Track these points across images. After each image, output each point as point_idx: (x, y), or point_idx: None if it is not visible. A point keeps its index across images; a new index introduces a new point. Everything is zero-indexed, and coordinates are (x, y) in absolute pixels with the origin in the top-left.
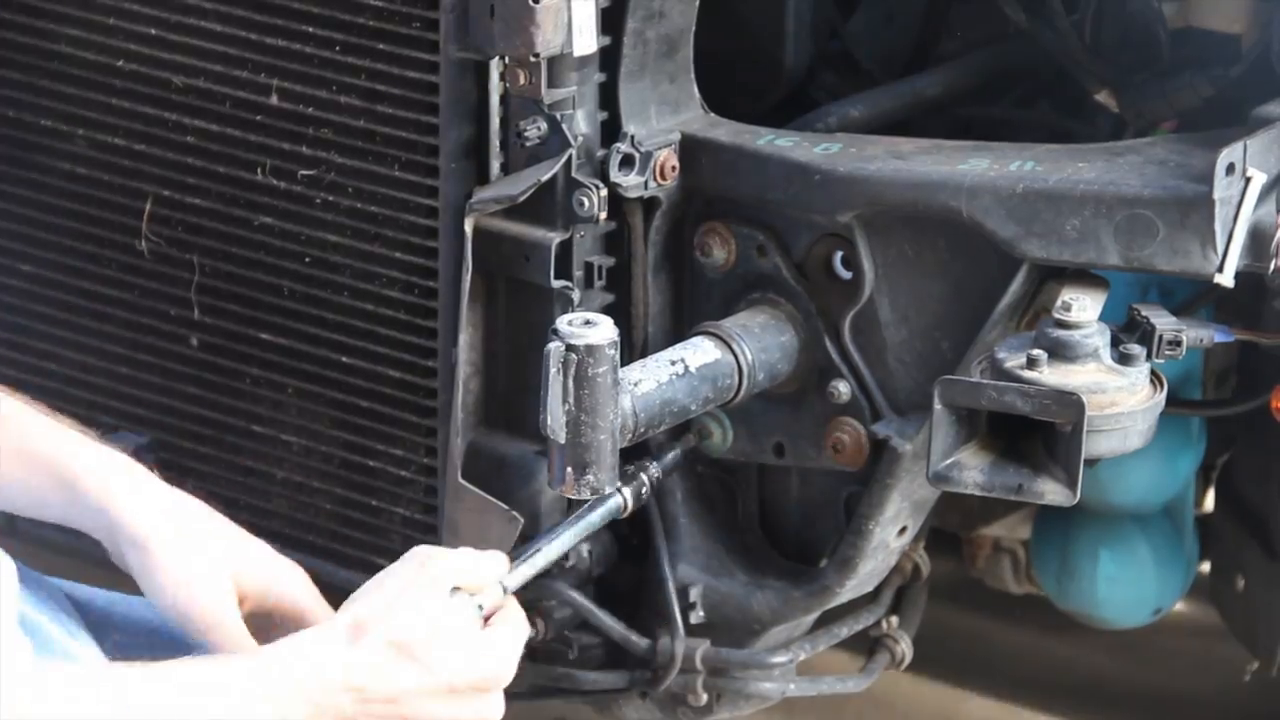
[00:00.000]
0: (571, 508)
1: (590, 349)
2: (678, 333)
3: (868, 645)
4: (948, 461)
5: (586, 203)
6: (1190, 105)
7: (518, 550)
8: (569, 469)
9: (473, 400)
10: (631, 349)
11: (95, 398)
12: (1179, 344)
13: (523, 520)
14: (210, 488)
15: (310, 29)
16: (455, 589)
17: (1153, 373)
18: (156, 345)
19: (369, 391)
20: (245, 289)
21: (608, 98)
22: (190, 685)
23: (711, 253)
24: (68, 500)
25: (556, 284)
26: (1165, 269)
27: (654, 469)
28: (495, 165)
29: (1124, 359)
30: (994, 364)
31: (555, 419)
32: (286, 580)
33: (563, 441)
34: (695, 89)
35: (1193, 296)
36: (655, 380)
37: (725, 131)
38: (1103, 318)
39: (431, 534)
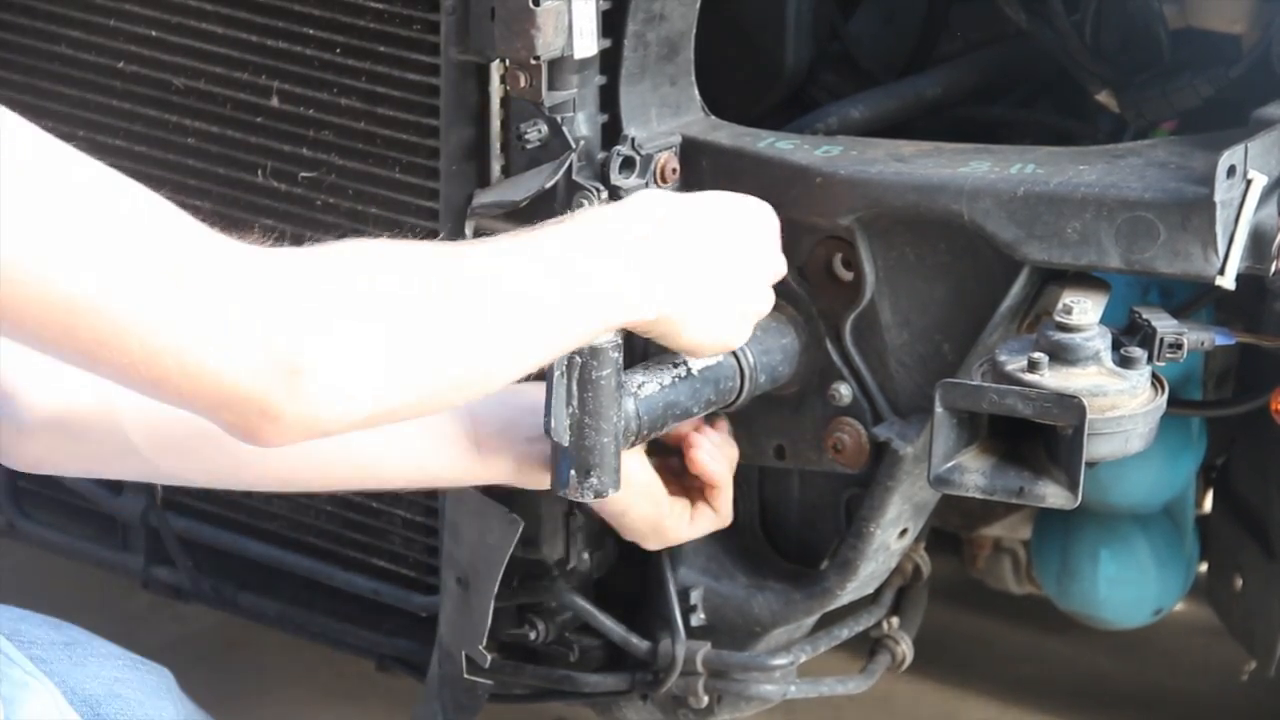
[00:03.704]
0: (573, 510)
1: (594, 352)
2: None
3: (868, 646)
4: (949, 464)
5: (587, 205)
6: (1190, 106)
7: None
8: (573, 472)
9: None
10: (632, 352)
11: None
12: (1180, 347)
13: (522, 523)
14: (211, 489)
15: (311, 31)
16: None
17: (1154, 375)
18: None
19: None
20: None
21: (608, 100)
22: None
23: None
24: None
25: None
26: (1166, 272)
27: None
28: (496, 168)
29: (1125, 362)
30: (995, 367)
31: (559, 422)
32: None
33: (566, 444)
34: (696, 91)
35: (1193, 298)
36: (658, 383)
37: (726, 134)
38: (1104, 319)
39: (432, 536)
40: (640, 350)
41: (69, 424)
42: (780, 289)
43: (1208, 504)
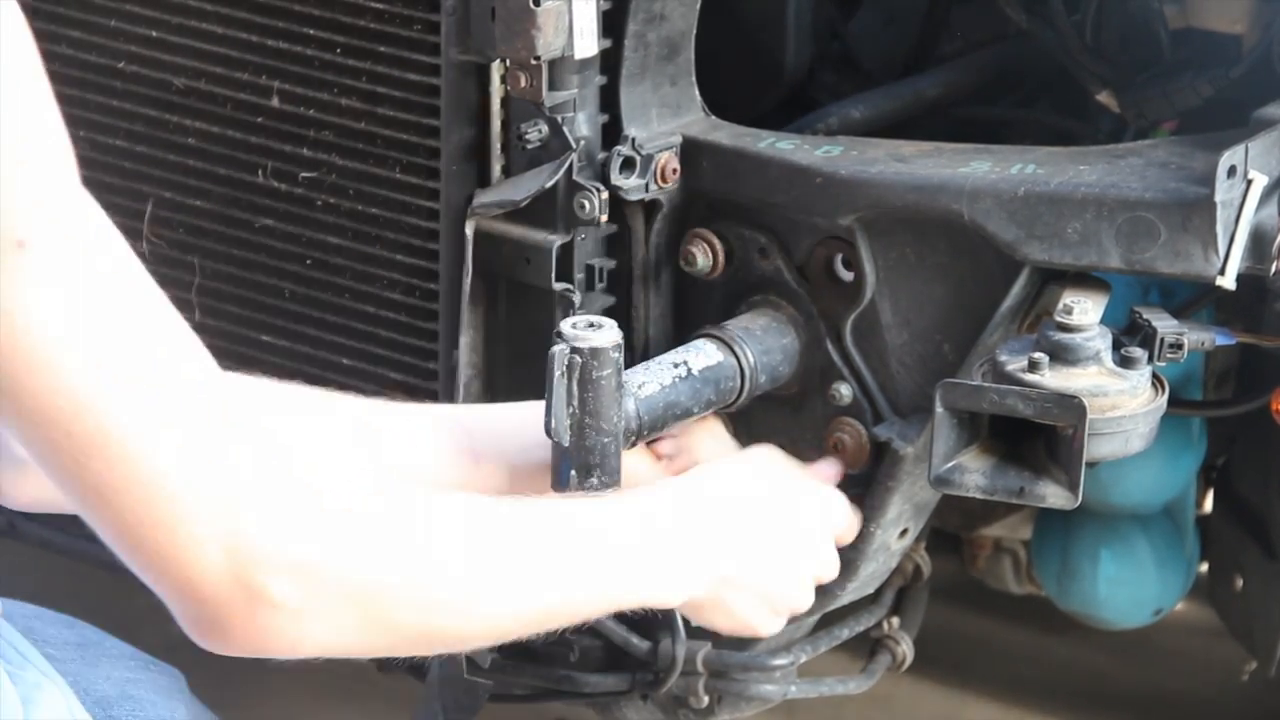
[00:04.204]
0: None
1: (594, 352)
2: (679, 335)
3: (869, 647)
4: (949, 464)
5: (587, 205)
6: (1191, 106)
7: None
8: (573, 472)
9: (474, 402)
10: (632, 352)
11: None
12: (1180, 347)
13: None
14: None
15: (311, 31)
16: None
17: (1154, 375)
18: None
19: (370, 394)
20: (246, 291)
21: (609, 100)
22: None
23: (695, 262)
24: None
25: (557, 287)
26: (1167, 272)
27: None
28: (496, 168)
29: (1125, 362)
30: (995, 367)
31: (559, 422)
32: None
33: (567, 444)
34: (696, 91)
35: (1193, 298)
36: (658, 383)
37: (726, 134)
38: (1104, 320)
39: None
40: (641, 350)
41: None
42: (781, 288)
43: (1208, 504)
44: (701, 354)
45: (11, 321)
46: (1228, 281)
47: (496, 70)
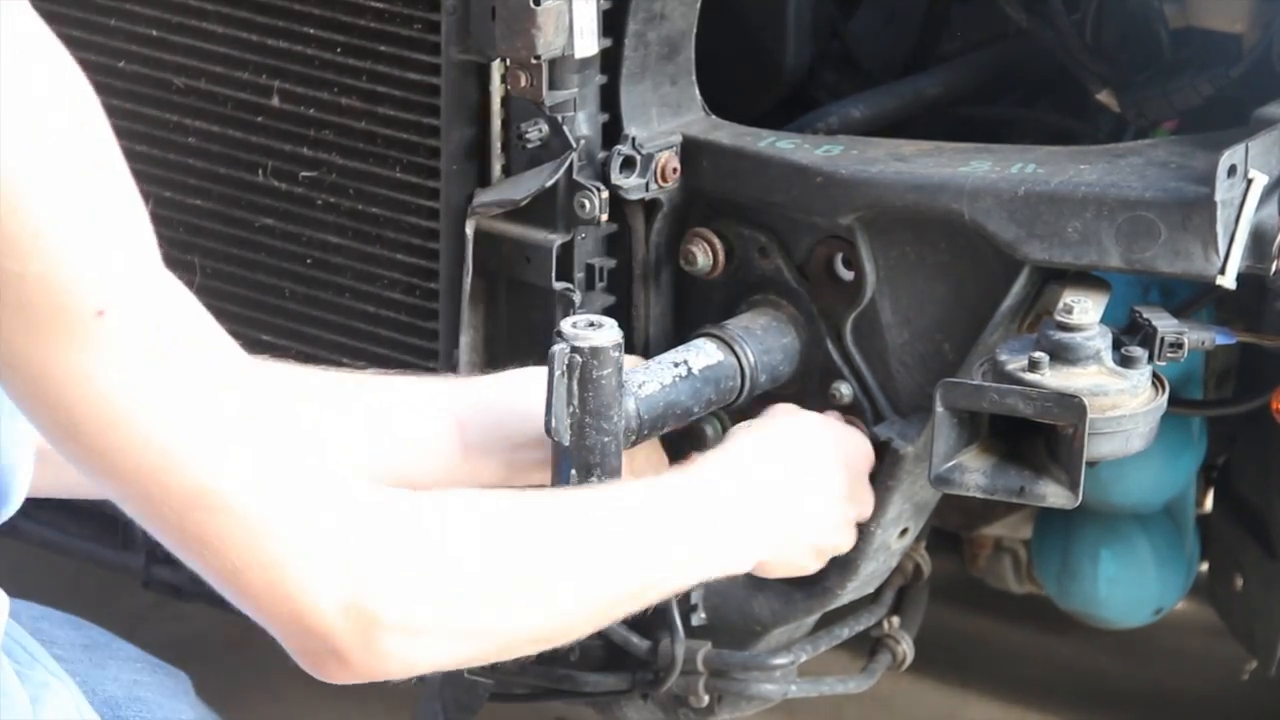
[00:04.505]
0: None
1: (595, 351)
2: (679, 335)
3: (869, 646)
4: (949, 464)
5: (588, 205)
6: (1191, 105)
7: None
8: (574, 471)
9: None
10: (632, 351)
11: None
12: (1180, 346)
13: None
14: None
15: (311, 30)
16: None
17: (1154, 375)
18: None
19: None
20: (246, 290)
21: (609, 100)
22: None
23: (695, 261)
24: None
25: (558, 286)
26: (1167, 271)
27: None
28: (497, 167)
29: (1126, 361)
30: (995, 366)
31: (560, 421)
32: None
33: (567, 444)
34: (696, 91)
35: (1194, 297)
36: (658, 382)
37: (726, 134)
38: (1104, 319)
39: None
40: (641, 350)
41: (51, 454)
42: (781, 288)
43: (1208, 503)
44: (702, 353)
45: (91, 386)
46: (1228, 281)
47: (497, 69)
